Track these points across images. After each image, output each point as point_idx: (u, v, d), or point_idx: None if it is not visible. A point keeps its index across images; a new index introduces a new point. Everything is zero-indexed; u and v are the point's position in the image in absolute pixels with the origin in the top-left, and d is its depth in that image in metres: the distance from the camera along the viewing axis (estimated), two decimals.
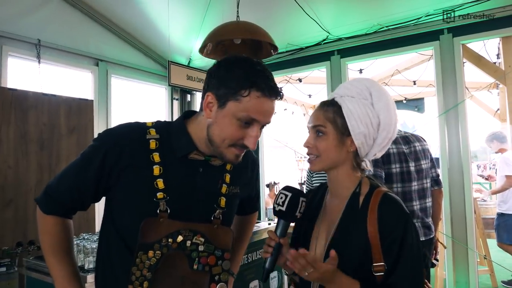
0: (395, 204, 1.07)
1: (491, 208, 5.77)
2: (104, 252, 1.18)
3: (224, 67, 1.07)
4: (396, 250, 1.01)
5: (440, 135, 3.79)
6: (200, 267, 1.08)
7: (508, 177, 4.13)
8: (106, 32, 4.34)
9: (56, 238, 1.15)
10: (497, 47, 4.31)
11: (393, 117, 1.12)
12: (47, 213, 1.15)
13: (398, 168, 2.35)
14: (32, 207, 3.15)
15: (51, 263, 1.14)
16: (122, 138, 1.11)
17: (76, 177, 1.13)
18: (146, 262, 1.03)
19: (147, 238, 1.04)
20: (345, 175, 1.15)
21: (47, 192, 1.16)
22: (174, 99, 5.30)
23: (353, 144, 1.12)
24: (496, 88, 6.36)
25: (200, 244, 1.08)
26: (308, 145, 1.15)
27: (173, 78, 3.91)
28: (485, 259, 4.35)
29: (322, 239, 1.14)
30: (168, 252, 1.05)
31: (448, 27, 3.75)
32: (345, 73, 4.40)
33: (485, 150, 13.92)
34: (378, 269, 1.02)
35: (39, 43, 3.63)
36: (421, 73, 4.96)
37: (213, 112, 1.07)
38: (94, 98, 4.12)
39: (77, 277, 1.17)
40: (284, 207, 1.06)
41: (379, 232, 1.03)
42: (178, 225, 1.07)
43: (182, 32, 4.57)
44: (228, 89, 1.03)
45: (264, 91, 1.02)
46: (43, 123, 3.28)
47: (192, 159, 1.13)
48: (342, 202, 1.14)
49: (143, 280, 1.03)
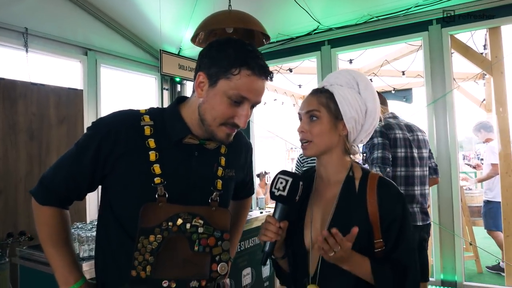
0: (392, 187, 1.15)
1: (476, 196, 5.90)
2: (104, 240, 1.18)
3: (216, 47, 1.08)
4: (397, 228, 1.09)
5: (428, 125, 3.85)
6: (201, 249, 1.10)
7: (494, 165, 4.23)
8: (95, 21, 4.27)
9: (54, 229, 1.16)
10: (484, 38, 4.37)
11: (377, 105, 1.18)
12: (43, 204, 1.15)
13: (403, 153, 2.44)
14: (22, 198, 3.13)
15: (50, 253, 1.15)
16: (116, 126, 1.11)
17: (71, 167, 1.12)
18: (148, 246, 1.04)
19: (147, 223, 1.05)
20: (337, 160, 1.19)
21: (42, 183, 1.16)
22: (164, 89, 5.27)
23: (345, 128, 1.16)
24: (482, 79, 6.47)
25: (200, 226, 1.10)
26: (302, 130, 1.18)
27: (165, 67, 3.88)
28: (471, 246, 4.46)
29: (317, 222, 1.17)
30: (169, 235, 1.06)
31: (436, 18, 3.80)
32: (335, 63, 4.42)
33: (470, 141, 14.15)
34: (378, 245, 1.09)
35: (27, 32, 3.56)
36: (409, 64, 5.01)
37: (204, 91, 1.09)
38: (83, 88, 4.07)
39: (76, 266, 1.18)
40: (285, 192, 1.07)
41: (379, 212, 1.09)
42: (177, 208, 1.08)
43: (172, 22, 4.53)
44: (219, 68, 1.04)
45: (254, 70, 1.04)
46: (32, 113, 3.24)
47: (187, 143, 1.14)
48: (336, 187, 1.18)
49: (146, 265, 1.04)
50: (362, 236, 1.08)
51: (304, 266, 1.17)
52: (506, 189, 3.68)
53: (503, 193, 3.70)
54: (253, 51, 1.06)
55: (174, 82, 5.30)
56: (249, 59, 1.04)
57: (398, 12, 3.86)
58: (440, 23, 3.80)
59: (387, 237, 1.09)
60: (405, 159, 2.46)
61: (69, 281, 1.14)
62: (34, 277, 2.10)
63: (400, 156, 2.44)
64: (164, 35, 4.52)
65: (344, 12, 4.05)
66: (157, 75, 5.17)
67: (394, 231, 1.09)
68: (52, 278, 1.97)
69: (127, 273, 1.05)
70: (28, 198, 3.16)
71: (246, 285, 3.12)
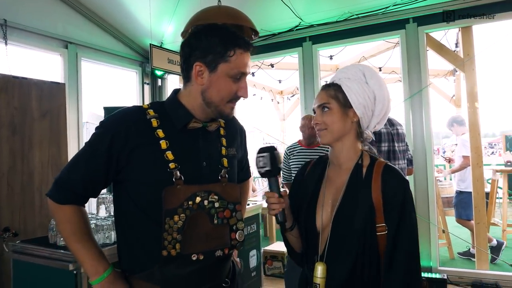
0: (396, 173, 1.24)
1: (446, 188, 6.19)
2: (127, 231, 1.25)
3: (204, 36, 1.18)
4: (399, 213, 1.18)
5: (405, 120, 4.03)
6: (220, 221, 1.21)
7: (465, 157, 4.47)
8: (75, 14, 4.20)
9: (77, 225, 1.21)
10: (456, 36, 4.59)
11: (385, 92, 1.28)
12: (63, 203, 1.20)
13: (387, 147, 2.55)
14: (5, 193, 3.07)
15: (77, 248, 1.20)
16: (126, 121, 1.20)
17: (86, 165, 1.19)
18: (174, 226, 1.13)
19: (170, 205, 1.14)
20: (349, 146, 1.29)
21: (58, 185, 1.21)
22: (145, 83, 5.24)
23: (355, 115, 1.27)
24: (452, 76, 6.78)
25: (215, 201, 1.21)
26: (316, 122, 1.29)
27: (154, 61, 3.87)
28: (444, 233, 4.70)
29: (328, 206, 1.27)
30: (191, 213, 1.16)
31: (413, 17, 3.97)
32: (316, 59, 4.54)
33: (437, 135, 14.66)
34: (380, 229, 1.18)
35: (5, 24, 3.47)
36: (386, 60, 5.20)
37: (205, 78, 1.19)
38: (64, 81, 4.00)
39: (103, 256, 1.24)
40: (269, 166, 1.19)
41: (382, 197, 1.18)
42: (193, 188, 1.18)
43: (154, 16, 4.49)
44: (215, 54, 1.16)
45: (243, 47, 1.18)
46: (14, 107, 3.17)
47: (191, 128, 1.24)
48: (346, 173, 1.28)
49: (175, 243, 1.13)
50: (366, 220, 1.18)
51: (314, 245, 1.27)
52: (477, 180, 3.91)
53: (474, 183, 3.93)
54: (235, 32, 1.20)
55: (155, 76, 5.28)
56: (237, 39, 1.18)
57: (377, 11, 4.01)
58: (416, 22, 3.98)
59: (390, 222, 1.17)
60: (388, 153, 2.56)
61: (99, 271, 1.20)
62: (28, 271, 2.10)
63: (384, 150, 2.54)
64: (146, 29, 4.49)
65: (325, 9, 4.15)
66: (138, 69, 5.14)
67: (396, 216, 1.17)
68: (47, 270, 2.01)
69: (157, 255, 1.13)
70: (11, 194, 3.11)
71: None
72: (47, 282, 2.02)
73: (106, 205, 2.39)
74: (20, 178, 3.19)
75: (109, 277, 1.20)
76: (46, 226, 2.34)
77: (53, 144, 3.45)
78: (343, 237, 1.21)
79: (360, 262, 1.18)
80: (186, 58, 1.21)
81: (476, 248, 3.92)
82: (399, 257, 1.16)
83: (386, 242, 1.17)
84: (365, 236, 1.18)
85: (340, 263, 1.20)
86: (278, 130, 8.76)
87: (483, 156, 4.01)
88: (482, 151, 4.01)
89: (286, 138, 8.20)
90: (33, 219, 3.25)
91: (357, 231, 1.18)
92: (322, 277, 1.21)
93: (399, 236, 1.17)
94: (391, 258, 1.17)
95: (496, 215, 5.76)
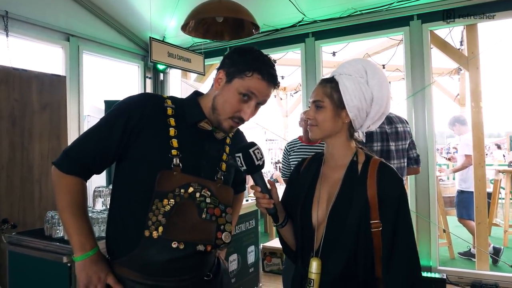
0: (391, 171, 1.24)
1: (449, 187, 6.15)
2: (116, 213, 1.28)
3: (239, 52, 1.27)
4: (395, 210, 1.17)
5: (407, 118, 3.99)
6: (208, 217, 1.22)
7: (467, 156, 4.44)
8: (77, 7, 4.19)
9: (75, 198, 1.22)
10: (461, 34, 4.54)
11: (385, 93, 1.25)
12: (68, 172, 1.22)
13: (379, 147, 2.51)
14: (4, 185, 3.07)
15: (69, 220, 1.21)
16: (144, 102, 1.26)
17: (100, 138, 1.22)
18: (161, 209, 1.16)
19: (162, 188, 1.17)
20: (341, 144, 1.30)
21: (67, 154, 1.23)
22: (146, 77, 5.22)
23: (347, 116, 1.25)
24: (457, 74, 6.72)
25: (207, 196, 1.23)
26: (309, 117, 1.30)
27: (154, 55, 3.85)
28: (444, 233, 4.68)
29: (323, 202, 1.27)
30: (181, 201, 1.18)
31: (417, 14, 3.93)
32: (319, 55, 4.50)
33: (442, 134, 14.59)
34: (375, 225, 1.18)
35: (7, 15, 3.46)
36: (390, 58, 5.15)
37: (220, 86, 1.26)
38: (66, 74, 3.99)
39: (93, 235, 1.25)
40: (244, 166, 1.21)
41: (378, 194, 1.19)
42: (188, 178, 1.22)
43: (157, 10, 4.47)
44: (237, 69, 1.23)
45: (264, 76, 1.22)
46: (15, 99, 3.17)
47: (201, 128, 1.29)
48: (341, 170, 1.28)
49: (158, 225, 1.15)
50: (360, 216, 1.18)
51: (310, 241, 1.27)
52: (479, 179, 3.87)
53: (476, 183, 3.89)
54: (267, 61, 1.25)
55: (157, 70, 5.26)
56: (263, 66, 1.22)
57: (381, 7, 3.97)
58: (420, 19, 3.93)
59: (385, 218, 1.17)
60: (381, 152, 2.51)
61: (85, 247, 1.20)
62: (23, 262, 2.10)
63: (376, 150, 2.50)
64: (149, 23, 4.48)
65: (329, 5, 4.12)
66: (140, 63, 5.12)
67: (391, 213, 1.17)
68: (41, 262, 2.01)
69: (139, 237, 1.15)
70: (10, 186, 3.11)
71: (233, 271, 3.18)
72: (42, 274, 2.02)
73: (103, 199, 2.39)
74: (20, 170, 3.19)
75: (94, 256, 1.21)
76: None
77: (53, 136, 3.45)
78: (338, 233, 1.21)
79: (354, 257, 1.19)
80: (219, 65, 1.30)
81: (477, 248, 3.89)
82: (399, 257, 1.16)
83: (382, 239, 1.17)
84: (359, 232, 1.18)
85: (335, 259, 1.21)
86: (281, 126, 8.74)
87: (489, 156, 3.96)
88: (484, 151, 3.97)
89: (288, 134, 8.18)
90: (32, 211, 3.26)
91: (351, 227, 1.18)
92: (317, 273, 1.21)
93: (397, 235, 1.17)
94: (390, 257, 1.17)
95: (498, 216, 5.72)
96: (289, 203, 1.38)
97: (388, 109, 1.28)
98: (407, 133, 2.70)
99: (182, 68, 4.51)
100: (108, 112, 1.26)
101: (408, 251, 1.18)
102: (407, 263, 1.18)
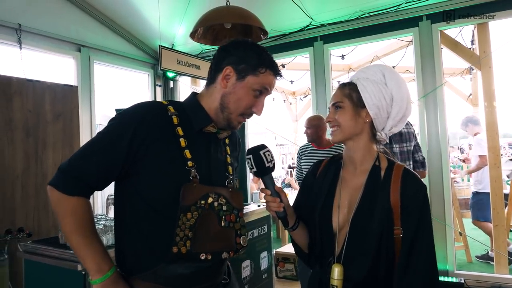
0: (415, 178, 1.23)
1: (464, 189, 6.06)
2: (131, 229, 1.21)
3: (243, 47, 1.25)
4: (417, 218, 1.17)
5: (419, 119, 3.95)
6: (226, 224, 1.22)
7: (481, 157, 4.37)
8: (88, 18, 4.26)
9: (82, 219, 1.15)
10: (472, 33, 4.48)
11: (404, 94, 1.25)
12: (70, 194, 1.13)
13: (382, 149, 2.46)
14: (19, 195, 3.12)
15: (80, 243, 1.14)
16: (148, 114, 1.19)
17: (105, 155, 1.14)
18: (187, 223, 1.14)
19: (186, 201, 1.15)
20: (363, 147, 1.28)
21: (67, 173, 1.14)
22: (157, 85, 5.27)
23: (368, 115, 1.25)
24: (469, 74, 6.63)
25: (223, 204, 1.23)
26: (329, 120, 1.30)
27: (164, 62, 3.88)
28: (461, 236, 4.59)
29: (345, 207, 1.26)
30: (203, 212, 1.17)
31: (426, 14, 3.89)
32: (328, 59, 4.49)
33: (454, 136, 14.38)
34: (396, 232, 1.17)
35: (20, 28, 3.54)
36: (399, 59, 5.11)
37: (230, 83, 1.23)
38: (77, 84, 4.06)
39: (107, 254, 1.18)
40: (254, 168, 1.21)
41: (401, 201, 1.18)
42: (206, 189, 1.20)
43: (166, 18, 4.53)
44: (249, 65, 1.21)
45: (275, 71, 1.26)
46: (28, 109, 3.23)
47: (206, 131, 1.26)
48: (363, 175, 1.27)
49: (186, 240, 1.13)
50: (383, 222, 1.17)
51: (330, 246, 1.26)
52: (495, 180, 3.79)
53: (492, 184, 3.82)
54: (272, 57, 1.27)
55: (167, 78, 5.31)
56: (273, 63, 1.25)
57: (389, 8, 3.95)
58: (430, 19, 3.89)
59: (407, 225, 1.16)
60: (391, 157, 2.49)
61: (103, 269, 1.14)
62: (39, 270, 2.12)
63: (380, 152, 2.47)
64: (157, 31, 4.53)
65: (336, 8, 4.11)
66: (150, 71, 5.17)
67: (413, 220, 1.16)
68: (56, 270, 2.02)
69: (163, 253, 1.12)
70: (25, 196, 3.15)
71: (246, 277, 3.16)
72: (57, 282, 2.04)
73: None
74: (34, 180, 3.24)
75: (113, 277, 1.15)
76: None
77: (66, 145, 3.50)
78: (360, 239, 1.20)
79: (376, 264, 1.18)
80: (218, 60, 1.26)
81: (495, 251, 3.81)
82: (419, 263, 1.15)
83: (402, 245, 1.17)
84: (381, 239, 1.17)
85: (357, 265, 1.20)
86: (291, 131, 8.72)
87: (505, 156, 3.89)
88: (499, 151, 3.90)
89: (298, 139, 8.15)
90: (46, 220, 3.30)
91: (375, 233, 1.18)
92: (339, 279, 1.20)
93: (417, 242, 1.16)
94: (408, 263, 1.15)
95: None
96: (305, 207, 1.37)
97: (410, 111, 1.28)
98: (412, 135, 2.65)
99: (191, 75, 4.54)
100: (109, 125, 1.18)
101: (427, 258, 1.17)
102: (426, 270, 1.16)
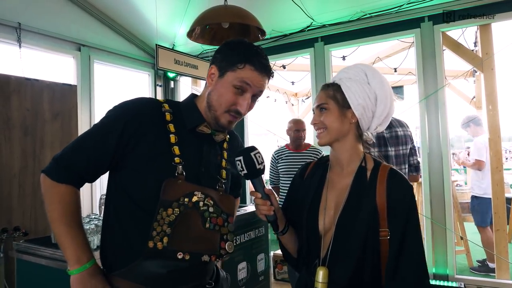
0: (401, 178, 1.21)
1: (466, 192, 5.98)
2: (114, 224, 1.22)
3: (229, 46, 1.25)
4: (404, 219, 1.14)
5: (420, 121, 3.91)
6: (211, 226, 1.19)
7: (477, 161, 4.33)
8: (88, 17, 4.26)
9: (69, 207, 1.16)
10: (475, 35, 4.43)
11: (388, 92, 1.24)
12: (60, 181, 1.15)
13: (377, 152, 2.43)
14: (16, 193, 3.11)
15: (63, 232, 1.14)
16: (141, 109, 1.21)
17: (95, 147, 1.16)
18: (166, 218, 1.11)
19: (167, 196, 1.13)
20: (349, 148, 1.26)
21: (58, 162, 1.16)
22: (157, 85, 5.26)
23: (354, 116, 1.23)
24: (472, 76, 6.56)
25: (210, 206, 1.20)
26: (315, 122, 1.27)
27: (161, 62, 3.87)
28: (462, 240, 4.53)
29: (331, 209, 1.24)
30: (185, 210, 1.14)
31: (428, 15, 3.85)
32: (328, 60, 4.46)
33: (459, 139, 14.29)
34: (383, 234, 1.15)
35: (20, 27, 3.54)
36: (401, 61, 5.07)
37: (213, 81, 1.24)
38: (77, 83, 4.05)
39: (89, 246, 1.19)
40: (244, 170, 1.18)
41: (387, 202, 1.16)
42: (192, 187, 1.18)
43: (166, 18, 4.52)
44: (228, 62, 1.21)
45: (256, 67, 1.20)
46: (26, 108, 3.22)
47: (200, 132, 1.25)
48: (349, 176, 1.25)
49: (163, 235, 1.10)
50: (369, 224, 1.15)
51: (316, 249, 1.24)
52: (497, 184, 3.74)
53: (493, 187, 3.76)
54: (259, 53, 1.23)
55: (168, 78, 5.30)
56: (254, 57, 1.20)
57: (391, 9, 3.91)
58: (432, 20, 3.85)
59: (394, 227, 1.14)
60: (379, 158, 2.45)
61: (82, 260, 1.14)
62: (31, 270, 2.11)
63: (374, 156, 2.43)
64: (158, 31, 4.52)
65: (337, 9, 4.08)
66: (150, 71, 5.17)
67: (401, 222, 1.14)
68: (49, 271, 2.00)
69: (141, 248, 1.09)
70: (22, 195, 3.14)
71: (242, 279, 3.14)
72: (48, 281, 2.03)
73: None
74: (32, 179, 3.23)
75: (91, 269, 1.15)
76: None
77: (64, 145, 3.39)
78: (346, 241, 1.18)
79: (361, 266, 1.16)
80: (211, 61, 1.27)
81: (496, 256, 3.75)
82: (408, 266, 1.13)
83: (389, 248, 1.14)
84: (367, 241, 1.15)
85: (342, 267, 1.18)
86: None
87: (510, 160, 3.84)
88: (502, 155, 3.85)
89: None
90: (43, 219, 3.28)
91: (360, 235, 1.15)
92: (324, 282, 1.17)
93: (405, 242, 1.14)
94: (396, 265, 1.13)
95: None
96: (293, 209, 1.35)
97: (393, 110, 1.26)
98: (408, 137, 2.60)
99: (189, 75, 4.52)
100: (103, 118, 1.21)
101: (416, 259, 1.15)
102: (416, 271, 1.14)
